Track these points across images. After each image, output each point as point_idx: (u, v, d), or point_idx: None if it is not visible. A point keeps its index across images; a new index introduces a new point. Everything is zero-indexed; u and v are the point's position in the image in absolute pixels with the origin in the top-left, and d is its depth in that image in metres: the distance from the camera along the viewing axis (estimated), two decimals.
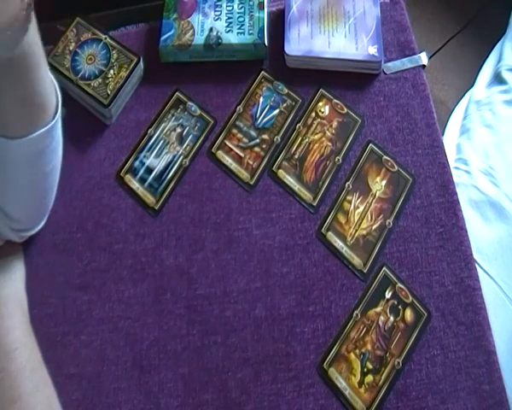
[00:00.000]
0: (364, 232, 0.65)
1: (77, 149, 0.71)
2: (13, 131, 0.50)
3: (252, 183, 0.68)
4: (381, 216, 0.65)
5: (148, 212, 0.68)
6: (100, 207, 0.68)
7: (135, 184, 0.69)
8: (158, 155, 0.70)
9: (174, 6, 0.75)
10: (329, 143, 0.69)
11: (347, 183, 0.67)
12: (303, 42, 0.72)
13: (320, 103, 0.72)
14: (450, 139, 1.04)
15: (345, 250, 0.64)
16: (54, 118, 0.53)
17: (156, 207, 0.67)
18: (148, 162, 0.70)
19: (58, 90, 0.54)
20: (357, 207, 0.66)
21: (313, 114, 0.71)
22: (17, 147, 0.51)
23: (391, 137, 0.70)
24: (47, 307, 0.63)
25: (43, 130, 0.51)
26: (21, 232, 0.62)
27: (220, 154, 0.70)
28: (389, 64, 0.74)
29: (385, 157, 0.68)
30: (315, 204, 0.67)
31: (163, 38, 0.73)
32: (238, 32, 0.72)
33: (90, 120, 0.72)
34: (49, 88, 0.52)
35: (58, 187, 0.61)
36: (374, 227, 0.65)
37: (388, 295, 0.62)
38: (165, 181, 0.69)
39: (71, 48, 0.71)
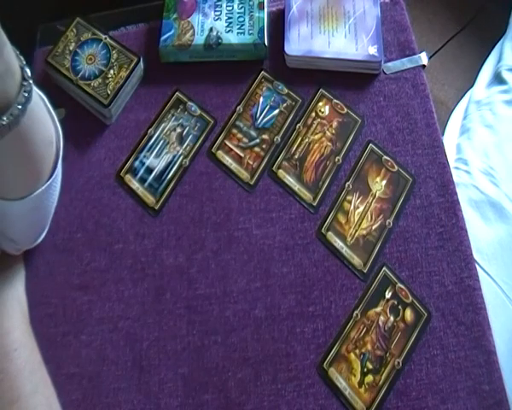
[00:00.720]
0: (364, 232, 0.65)
1: (77, 149, 0.71)
2: (11, 194, 0.48)
3: (252, 183, 0.68)
4: (381, 216, 0.65)
5: (148, 212, 0.68)
6: (100, 207, 0.68)
7: (135, 184, 0.69)
8: (158, 155, 0.70)
9: (174, 6, 0.75)
10: (329, 143, 0.69)
11: (347, 183, 0.67)
12: (303, 42, 0.72)
13: (320, 103, 0.72)
14: (450, 139, 1.04)
15: (345, 250, 0.64)
16: (53, 173, 0.51)
17: (156, 207, 0.67)
18: (148, 162, 0.70)
19: (61, 136, 0.51)
20: (357, 207, 0.66)
21: (313, 114, 0.71)
22: (17, 206, 0.49)
23: (391, 137, 0.70)
24: (47, 307, 0.63)
25: (44, 187, 0.50)
26: (20, 247, 0.62)
27: (220, 154, 0.70)
28: (389, 64, 0.74)
29: (385, 157, 0.68)
30: (315, 204, 0.67)
31: (163, 38, 0.73)
32: (238, 32, 0.72)
33: (90, 120, 0.72)
34: (49, 148, 0.49)
35: None
36: (374, 227, 0.65)
37: (388, 295, 0.62)
38: (165, 181, 0.69)
39: (71, 48, 0.71)
